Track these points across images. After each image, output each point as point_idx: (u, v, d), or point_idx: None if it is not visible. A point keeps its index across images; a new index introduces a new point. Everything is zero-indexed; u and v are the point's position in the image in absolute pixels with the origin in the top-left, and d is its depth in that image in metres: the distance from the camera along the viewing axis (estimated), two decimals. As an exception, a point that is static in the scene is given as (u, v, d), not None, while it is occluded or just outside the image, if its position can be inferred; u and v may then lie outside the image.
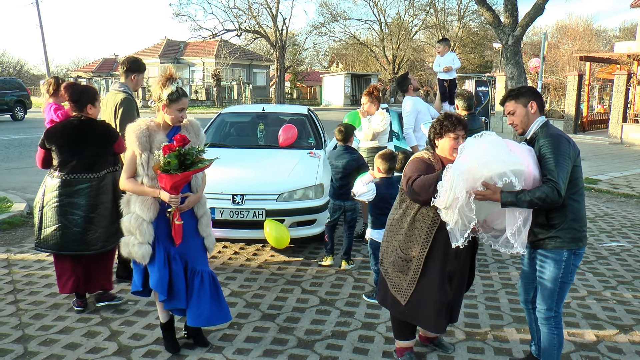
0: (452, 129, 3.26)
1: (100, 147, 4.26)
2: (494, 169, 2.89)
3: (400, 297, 3.38)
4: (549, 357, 3.29)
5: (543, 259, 3.21)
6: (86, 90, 4.32)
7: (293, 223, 5.63)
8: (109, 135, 4.33)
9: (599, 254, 6.15)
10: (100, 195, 4.25)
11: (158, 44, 49.12)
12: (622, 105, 18.20)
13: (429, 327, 3.45)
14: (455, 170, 2.96)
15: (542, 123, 3.18)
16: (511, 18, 13.64)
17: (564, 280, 3.18)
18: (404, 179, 3.31)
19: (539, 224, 3.14)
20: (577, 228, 3.13)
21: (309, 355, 3.76)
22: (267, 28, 41.28)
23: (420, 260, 3.29)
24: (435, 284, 3.29)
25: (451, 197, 2.96)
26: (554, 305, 3.22)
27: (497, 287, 5.07)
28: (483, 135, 3.02)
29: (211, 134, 7.26)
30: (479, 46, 50.22)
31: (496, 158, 2.90)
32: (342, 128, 5.60)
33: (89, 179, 4.20)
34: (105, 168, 4.30)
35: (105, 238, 4.28)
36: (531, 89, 3.33)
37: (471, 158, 2.93)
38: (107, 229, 4.27)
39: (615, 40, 38.14)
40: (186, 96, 3.49)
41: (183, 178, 3.30)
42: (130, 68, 5.10)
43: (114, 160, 4.42)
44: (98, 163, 4.24)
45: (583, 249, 3.20)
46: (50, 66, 36.73)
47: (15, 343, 3.87)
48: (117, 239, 4.24)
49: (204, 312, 3.58)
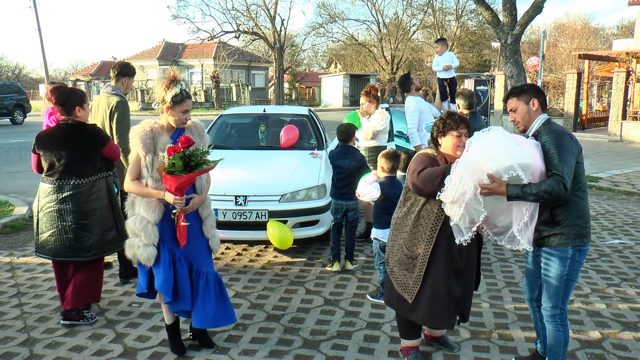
0: (455, 127, 3.28)
1: (87, 152, 4.11)
2: (501, 162, 2.89)
3: (406, 296, 3.38)
4: (555, 354, 3.30)
5: (548, 256, 3.21)
6: (73, 92, 4.18)
7: (296, 224, 5.63)
8: (96, 140, 4.16)
9: (602, 251, 6.16)
10: (92, 202, 4.12)
11: (156, 47, 49.15)
12: (622, 102, 18.22)
13: (437, 325, 3.45)
14: (462, 162, 2.96)
15: (544, 120, 3.19)
16: (510, 17, 13.67)
17: (569, 278, 3.19)
18: (409, 173, 3.32)
19: (543, 221, 3.15)
20: (581, 224, 3.14)
21: (315, 355, 3.77)
22: (266, 29, 41.32)
23: (425, 257, 3.29)
24: (441, 281, 3.29)
25: (460, 191, 2.96)
26: (560, 302, 3.23)
27: (501, 285, 5.07)
28: (490, 130, 3.03)
29: (213, 135, 7.26)
30: (477, 45, 50.25)
31: (504, 151, 2.90)
32: (343, 128, 5.61)
33: (77, 185, 4.07)
34: (95, 173, 4.16)
35: (100, 245, 4.16)
36: (534, 86, 3.34)
37: (479, 151, 2.93)
38: (102, 236, 4.16)
39: (613, 38, 38.19)
40: (190, 98, 3.49)
41: (188, 179, 3.30)
42: (122, 72, 5.19)
43: (106, 166, 4.26)
44: (86, 168, 4.10)
45: (587, 246, 3.21)
46: (48, 70, 36.78)
47: (21, 346, 3.88)
48: (115, 246, 4.25)
49: (210, 314, 3.59)
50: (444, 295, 3.31)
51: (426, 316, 3.36)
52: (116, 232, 4.25)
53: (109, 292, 4.89)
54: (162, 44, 48.81)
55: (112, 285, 5.05)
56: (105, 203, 4.21)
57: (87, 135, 4.14)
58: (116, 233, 4.25)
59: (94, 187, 4.14)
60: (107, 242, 4.20)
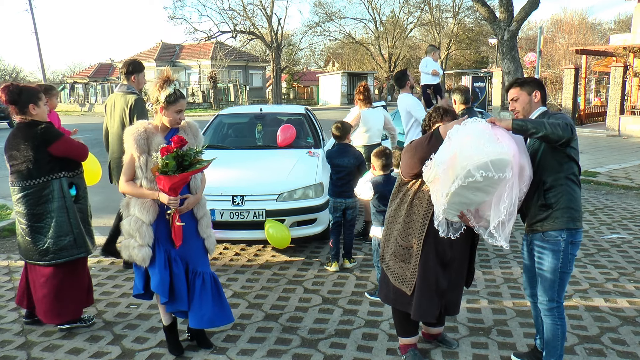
0: (440, 119, 3.36)
1: (32, 152, 3.85)
2: (475, 161, 2.82)
3: (405, 288, 3.36)
4: (553, 348, 3.29)
5: (541, 250, 3.22)
6: (25, 90, 3.92)
7: (293, 223, 5.62)
8: (41, 139, 3.87)
9: (600, 246, 6.15)
10: (43, 205, 3.91)
11: (154, 48, 49.10)
12: (619, 97, 18.21)
13: (418, 317, 3.38)
14: (437, 160, 2.98)
15: (542, 112, 3.25)
16: (506, 13, 13.67)
17: (563, 270, 3.19)
18: (404, 148, 3.38)
19: (535, 206, 3.17)
20: (573, 207, 3.15)
21: (313, 354, 3.76)
22: (262, 29, 41.32)
23: (419, 245, 3.29)
24: (430, 271, 3.29)
25: (432, 175, 3.02)
26: (556, 295, 3.23)
27: (499, 281, 5.06)
28: (469, 124, 2.98)
29: (209, 135, 7.25)
30: (474, 42, 50.25)
31: (478, 148, 2.84)
32: (339, 125, 5.60)
33: (26, 187, 3.89)
34: (45, 175, 3.90)
35: (55, 250, 3.93)
36: (537, 80, 3.36)
37: (453, 148, 2.91)
38: (56, 240, 3.93)
39: (610, 33, 38.16)
40: (184, 98, 3.48)
41: (181, 179, 3.29)
42: (129, 70, 5.25)
43: (59, 166, 3.96)
44: (33, 169, 3.86)
45: (580, 237, 3.21)
46: (46, 72, 36.72)
47: (19, 349, 3.87)
48: (71, 253, 3.99)
49: (206, 314, 3.58)
50: (431, 287, 3.31)
51: (414, 309, 3.35)
52: (72, 238, 4.00)
53: (106, 294, 4.88)
54: (160, 45, 48.77)
55: (110, 287, 5.04)
56: (58, 205, 3.95)
57: (31, 134, 3.87)
58: (72, 239, 4.00)
59: (45, 189, 3.91)
60: (61, 247, 3.95)
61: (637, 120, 17.96)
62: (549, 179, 3.12)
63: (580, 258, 5.72)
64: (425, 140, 3.15)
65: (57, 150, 3.92)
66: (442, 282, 3.35)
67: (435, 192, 3.07)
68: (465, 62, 51.95)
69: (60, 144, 3.94)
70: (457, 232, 3.24)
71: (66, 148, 3.99)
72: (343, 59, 57.47)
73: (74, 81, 51.32)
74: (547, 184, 3.12)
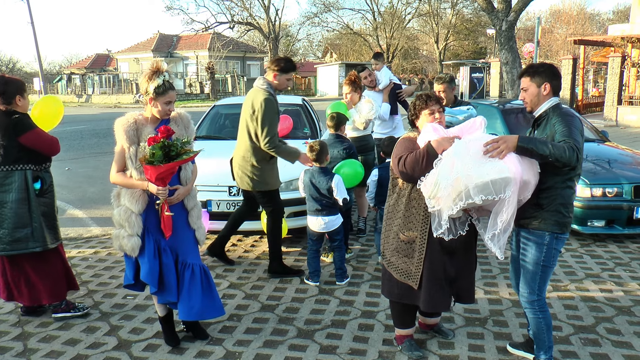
0: (425, 105, 3.36)
1: (2, 139, 3.85)
2: (474, 180, 2.83)
3: (411, 282, 3.33)
4: (541, 341, 3.30)
5: (525, 241, 3.22)
6: (11, 81, 3.97)
7: (290, 213, 5.61)
8: (12, 128, 3.85)
9: (596, 236, 6.16)
10: (4, 194, 3.89)
11: (151, 39, 48.91)
12: (617, 87, 18.22)
13: (433, 308, 3.38)
14: (441, 176, 2.94)
15: (554, 104, 3.19)
16: (504, 3, 13.62)
17: (545, 264, 3.18)
18: (394, 159, 3.29)
19: (529, 202, 3.13)
20: (563, 212, 3.13)
21: (309, 345, 3.77)
22: (260, 19, 41.21)
23: (423, 240, 3.26)
24: (436, 263, 3.27)
25: (433, 194, 3.00)
26: (537, 288, 3.23)
27: (496, 272, 5.07)
28: (470, 142, 2.97)
29: (206, 126, 7.23)
30: (472, 33, 50.18)
31: (477, 170, 2.84)
32: (334, 115, 5.57)
33: None
34: (10, 164, 3.88)
35: (8, 241, 3.89)
36: (551, 68, 3.26)
37: (456, 171, 2.89)
38: (11, 232, 3.89)
39: (609, 23, 38.06)
40: (173, 89, 3.47)
41: (167, 169, 3.28)
42: (284, 68, 4.88)
43: (26, 158, 3.93)
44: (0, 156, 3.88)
45: (566, 235, 3.20)
46: (43, 63, 36.52)
47: (15, 340, 3.87)
48: (27, 246, 3.94)
49: (195, 306, 3.56)
50: (439, 277, 3.29)
51: (425, 301, 3.33)
52: (30, 231, 3.94)
53: (103, 284, 4.88)
54: (157, 36, 48.57)
55: (107, 278, 5.04)
56: (19, 197, 3.91)
57: (5, 122, 3.87)
58: (30, 232, 3.94)
59: (7, 178, 3.90)
60: (17, 239, 3.90)
61: (635, 110, 17.97)
62: (547, 179, 3.09)
63: (576, 248, 5.73)
64: (421, 158, 3.09)
65: (26, 141, 3.90)
66: (450, 270, 3.32)
67: (436, 206, 3.06)
68: (463, 53, 51.82)
69: (31, 135, 3.91)
70: (464, 225, 3.23)
71: (35, 139, 3.96)
72: (341, 50, 57.30)
73: (71, 72, 51.15)
74: (545, 184, 3.09)
